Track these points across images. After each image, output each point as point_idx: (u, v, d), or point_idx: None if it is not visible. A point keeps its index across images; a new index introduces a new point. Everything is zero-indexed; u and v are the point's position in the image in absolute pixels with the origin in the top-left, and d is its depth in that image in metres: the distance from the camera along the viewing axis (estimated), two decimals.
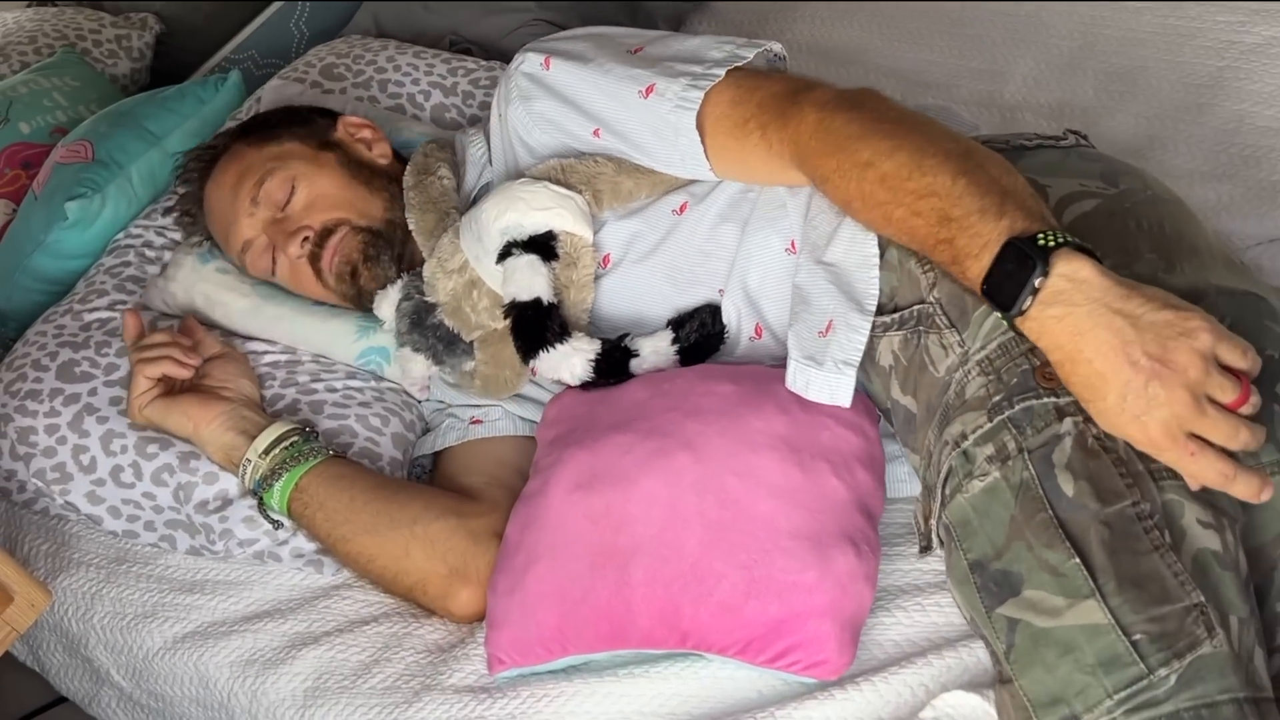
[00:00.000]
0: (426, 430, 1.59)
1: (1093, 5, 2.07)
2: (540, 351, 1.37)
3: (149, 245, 1.75)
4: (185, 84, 1.97)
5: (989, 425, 1.13)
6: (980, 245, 1.09)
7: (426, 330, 1.47)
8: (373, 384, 1.58)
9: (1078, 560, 1.06)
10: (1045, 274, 1.04)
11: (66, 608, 1.52)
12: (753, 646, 1.20)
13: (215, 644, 1.43)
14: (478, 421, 1.53)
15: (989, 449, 1.12)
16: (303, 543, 1.46)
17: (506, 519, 1.37)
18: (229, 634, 1.43)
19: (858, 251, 1.29)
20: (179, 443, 1.50)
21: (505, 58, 1.94)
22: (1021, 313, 1.06)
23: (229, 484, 1.48)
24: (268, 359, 1.59)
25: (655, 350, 1.39)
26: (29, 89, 2.01)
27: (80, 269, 1.76)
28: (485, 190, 1.55)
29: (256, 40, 2.27)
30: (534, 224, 1.39)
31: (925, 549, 1.22)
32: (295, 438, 1.43)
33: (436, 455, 1.56)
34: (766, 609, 1.19)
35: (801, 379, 1.28)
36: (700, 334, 1.39)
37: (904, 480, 1.37)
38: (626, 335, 1.40)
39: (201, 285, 1.64)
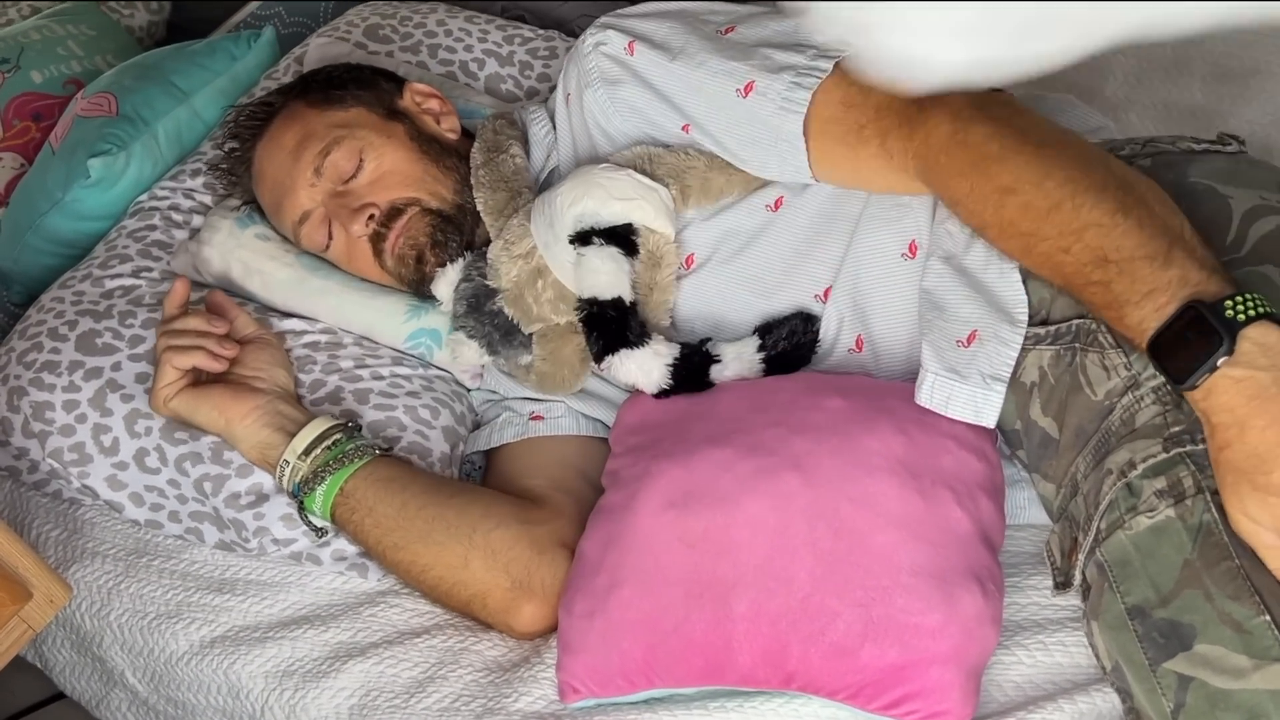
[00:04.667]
0: (477, 424, 1.48)
1: None
2: (616, 354, 1.29)
3: (176, 209, 1.63)
4: (215, 38, 1.86)
5: (1163, 456, 1.03)
6: (1143, 293, 1.00)
7: (484, 317, 1.37)
8: (420, 371, 1.47)
9: (1268, 618, 0.96)
10: (1230, 352, 0.95)
11: (80, 601, 1.41)
12: (866, 692, 1.10)
13: (249, 650, 1.32)
14: (538, 418, 1.42)
15: (1160, 483, 1.03)
16: (345, 545, 1.35)
17: (572, 527, 1.28)
18: (264, 640, 1.32)
19: (997, 267, 1.18)
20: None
21: (561, 28, 1.83)
22: (1194, 386, 0.97)
23: (264, 477, 1.36)
24: (306, 339, 1.47)
25: (739, 357, 1.30)
26: (41, 36, 1.90)
27: (97, 232, 1.64)
28: (554, 174, 1.45)
29: None
30: (612, 214, 1.29)
31: (1062, 586, 1.12)
32: (338, 435, 1.31)
33: (490, 453, 1.45)
34: (885, 653, 1.09)
35: (941, 393, 1.17)
36: (790, 342, 1.30)
37: (1022, 507, 1.26)
38: (708, 340, 1.31)
39: (240, 252, 1.52)
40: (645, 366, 1.29)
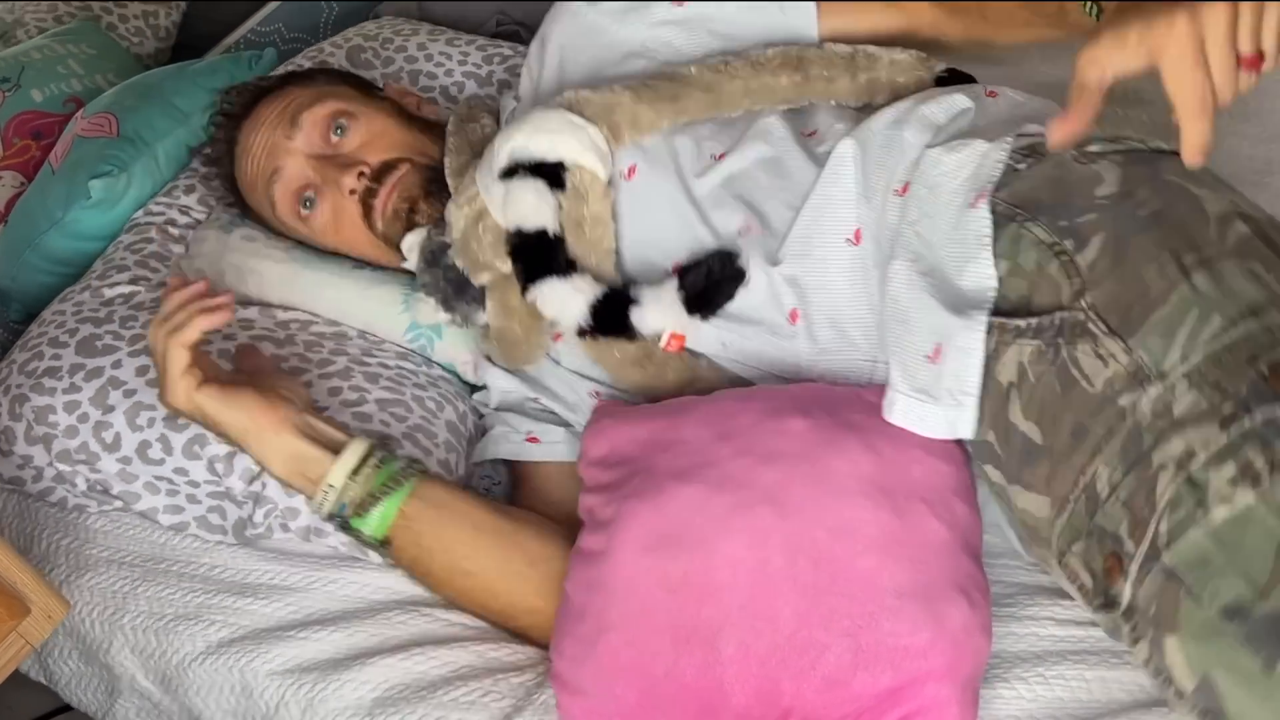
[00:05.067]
0: (483, 430, 1.48)
1: None
2: (540, 282, 1.31)
3: (172, 224, 1.65)
4: (215, 58, 1.88)
5: (1226, 441, 0.97)
6: None
7: (439, 271, 1.40)
8: (425, 369, 1.49)
9: None
10: None
11: (92, 608, 1.40)
12: (865, 717, 1.10)
13: (268, 649, 1.30)
14: (534, 439, 1.41)
15: (1229, 470, 0.96)
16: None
17: None
18: (281, 640, 1.31)
19: (968, 234, 1.15)
20: None
21: None
22: None
23: None
24: (314, 329, 1.50)
25: (658, 299, 1.28)
26: (43, 55, 1.91)
27: (96, 251, 1.65)
28: None
29: (285, 12, 2.16)
30: (539, 148, 1.33)
31: (1106, 608, 1.04)
32: (382, 453, 1.25)
33: (522, 468, 1.44)
34: (878, 679, 1.09)
35: (915, 414, 1.15)
36: (707, 280, 1.27)
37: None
38: (630, 284, 1.32)
39: (230, 256, 1.54)
40: (566, 299, 1.29)
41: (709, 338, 1.30)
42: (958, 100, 1.29)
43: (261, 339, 1.46)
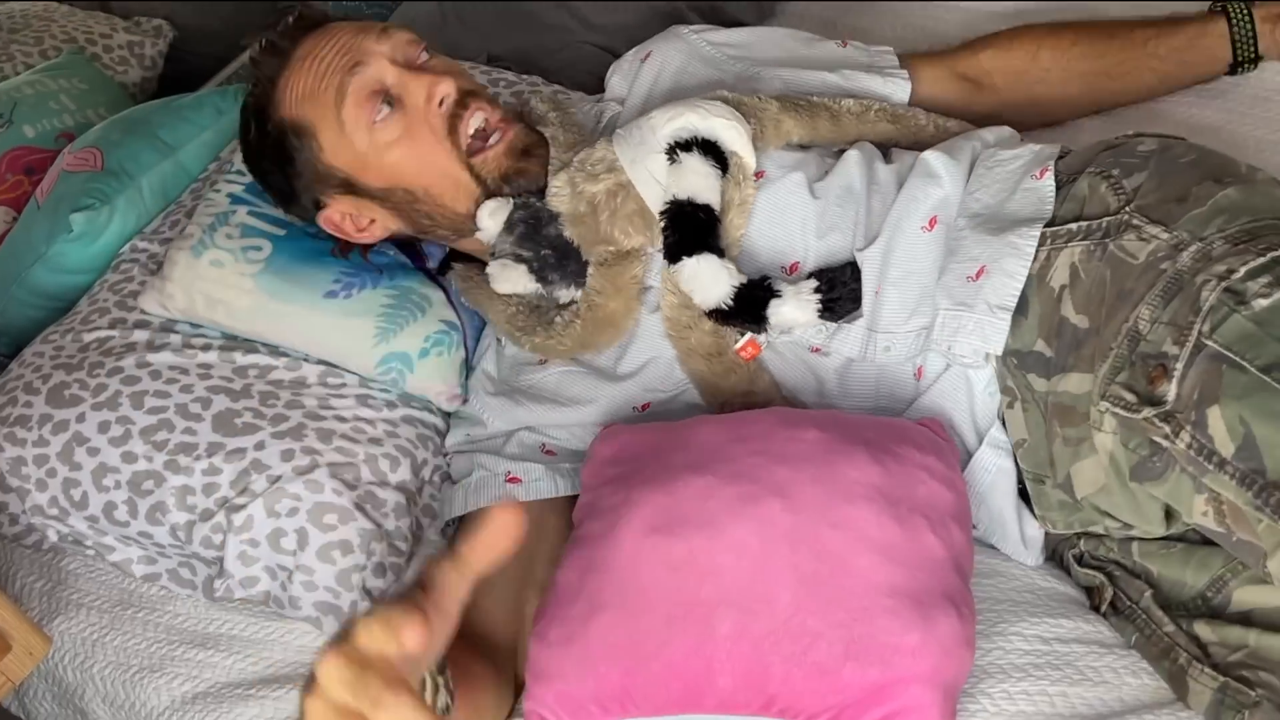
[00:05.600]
0: (446, 475, 1.46)
1: None
2: (697, 255, 1.32)
3: (155, 259, 1.63)
4: (203, 92, 1.88)
5: (1261, 260, 1.10)
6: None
7: (541, 240, 1.38)
8: (385, 414, 1.45)
9: None
10: None
11: (64, 653, 1.41)
12: (847, 713, 1.10)
13: (230, 709, 1.31)
14: (515, 479, 1.38)
15: (1265, 278, 1.09)
16: (324, 595, 1.34)
17: None
18: (246, 698, 1.31)
19: (1034, 209, 1.30)
20: (172, 477, 1.37)
21: (546, 75, 1.84)
22: None
23: (226, 516, 1.36)
24: (273, 375, 1.46)
25: (797, 294, 1.32)
26: (34, 90, 1.92)
27: (82, 285, 1.64)
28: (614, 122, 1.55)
29: None
30: (709, 129, 1.36)
31: (1156, 403, 1.12)
32: None
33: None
34: (866, 673, 1.09)
35: (950, 326, 1.27)
36: (843, 292, 1.33)
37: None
38: (768, 278, 1.33)
39: (199, 283, 1.50)
40: (717, 276, 1.31)
41: (856, 339, 1.34)
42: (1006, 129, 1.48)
43: (218, 390, 1.44)
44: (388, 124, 1.37)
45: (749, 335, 1.33)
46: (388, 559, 1.37)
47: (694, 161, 1.34)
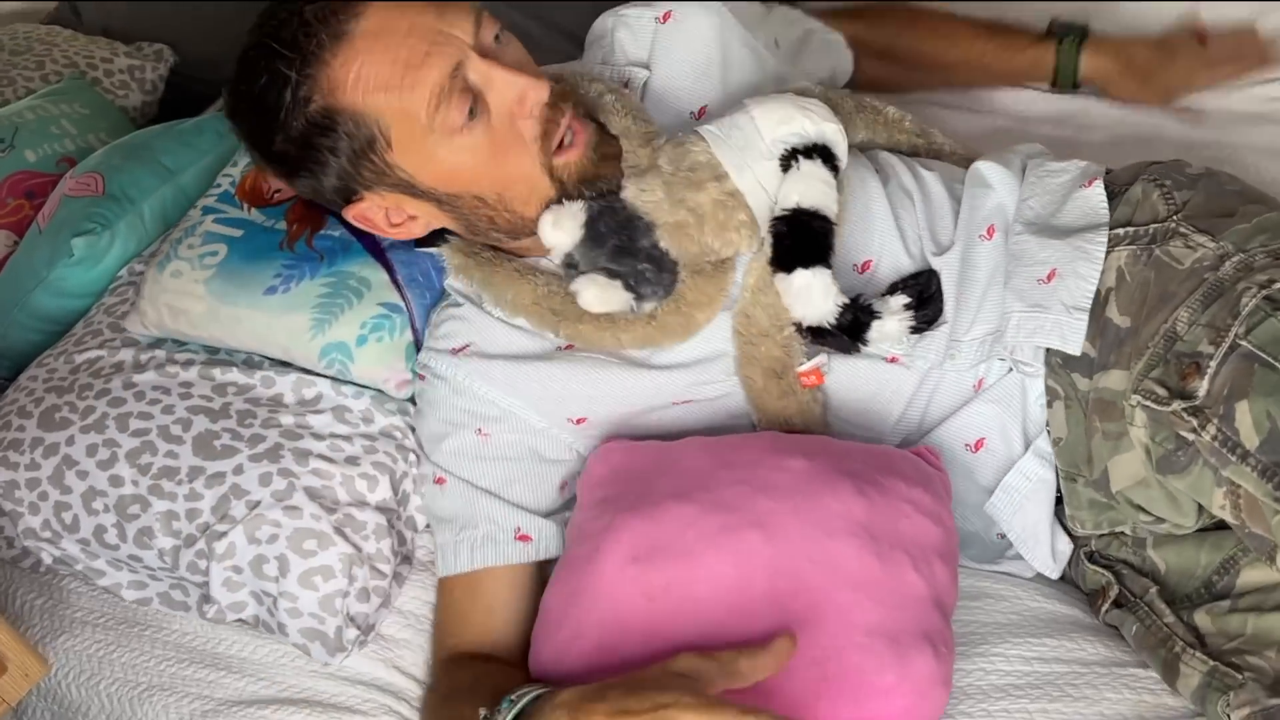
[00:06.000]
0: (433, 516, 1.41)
1: None
2: (812, 268, 1.26)
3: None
4: (204, 118, 1.89)
5: None
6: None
7: (638, 253, 1.27)
8: (361, 429, 1.45)
9: None
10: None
11: (68, 670, 1.41)
12: None
13: None
14: (525, 538, 1.34)
15: None
16: (311, 621, 1.35)
17: None
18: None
19: (1089, 218, 1.32)
20: (157, 501, 1.39)
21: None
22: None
23: (207, 544, 1.37)
24: (251, 394, 1.46)
25: (893, 313, 1.29)
26: (36, 115, 1.93)
27: (82, 309, 1.66)
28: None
29: None
30: (820, 134, 1.29)
31: (1186, 397, 1.16)
32: None
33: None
34: (838, 711, 1.11)
35: (1027, 327, 1.29)
36: (933, 305, 1.31)
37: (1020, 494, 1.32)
38: (860, 295, 1.30)
39: (163, 296, 1.49)
40: (827, 292, 1.26)
41: (936, 348, 1.32)
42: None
43: (198, 410, 1.44)
44: (473, 131, 1.23)
45: (814, 363, 1.30)
46: (370, 583, 1.37)
47: (817, 169, 1.28)
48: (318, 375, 1.48)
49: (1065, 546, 1.32)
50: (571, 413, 1.36)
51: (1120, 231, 1.30)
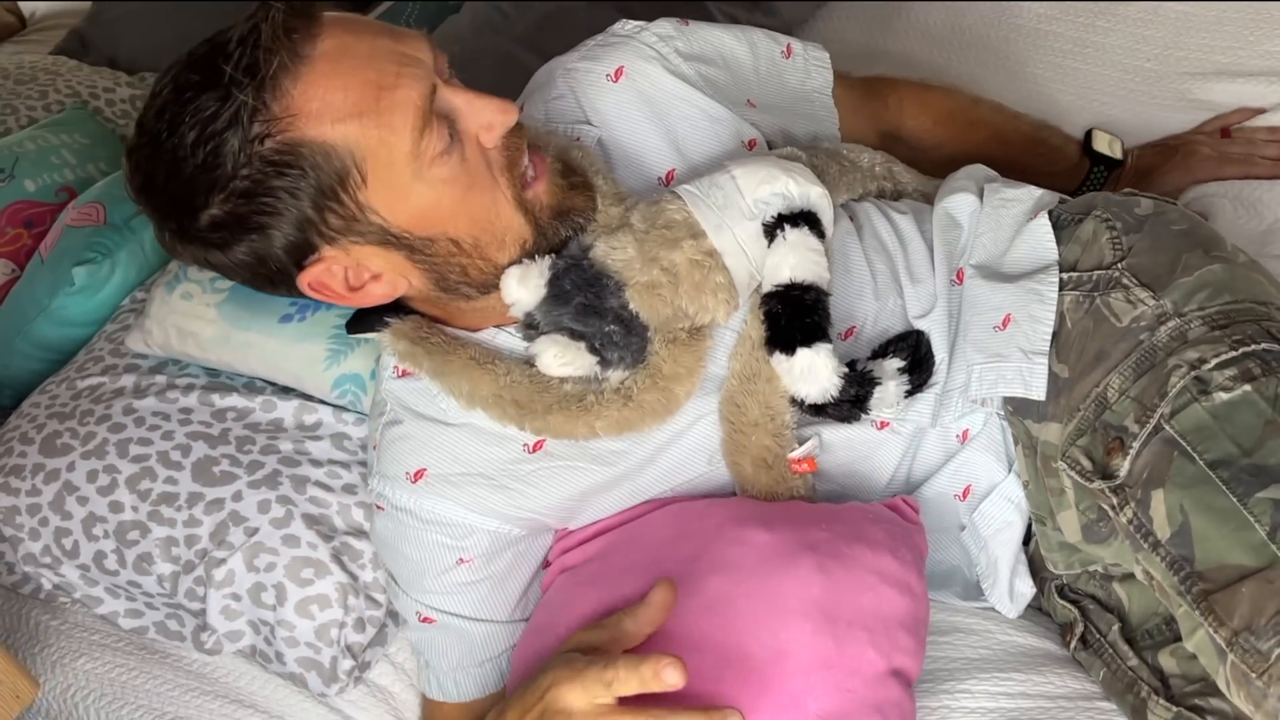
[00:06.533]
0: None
1: None
2: (813, 346, 1.20)
3: None
4: None
5: (1232, 354, 1.15)
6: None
7: (605, 313, 1.17)
8: (360, 456, 1.46)
9: None
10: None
11: (88, 694, 1.43)
12: None
13: None
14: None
15: (1230, 371, 1.14)
16: (287, 648, 1.38)
17: None
18: None
19: (1038, 257, 1.31)
20: (156, 528, 1.41)
21: None
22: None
23: (206, 570, 1.39)
24: (250, 418, 1.48)
25: (891, 375, 1.26)
26: (36, 145, 1.95)
27: (84, 337, 1.69)
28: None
29: None
30: (805, 198, 1.22)
31: (1106, 477, 1.17)
32: None
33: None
34: None
35: (989, 377, 1.27)
36: (927, 366, 1.29)
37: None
38: (854, 362, 1.26)
39: (172, 317, 1.50)
40: (831, 366, 1.21)
41: (927, 407, 1.31)
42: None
43: (197, 435, 1.46)
44: (449, 160, 1.11)
45: (807, 451, 1.25)
46: (365, 612, 1.39)
47: (805, 238, 1.21)
48: (318, 402, 1.50)
49: (1026, 589, 1.32)
50: (548, 523, 1.31)
51: (1066, 276, 1.29)
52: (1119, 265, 1.26)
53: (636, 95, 1.32)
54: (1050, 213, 1.35)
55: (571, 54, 1.37)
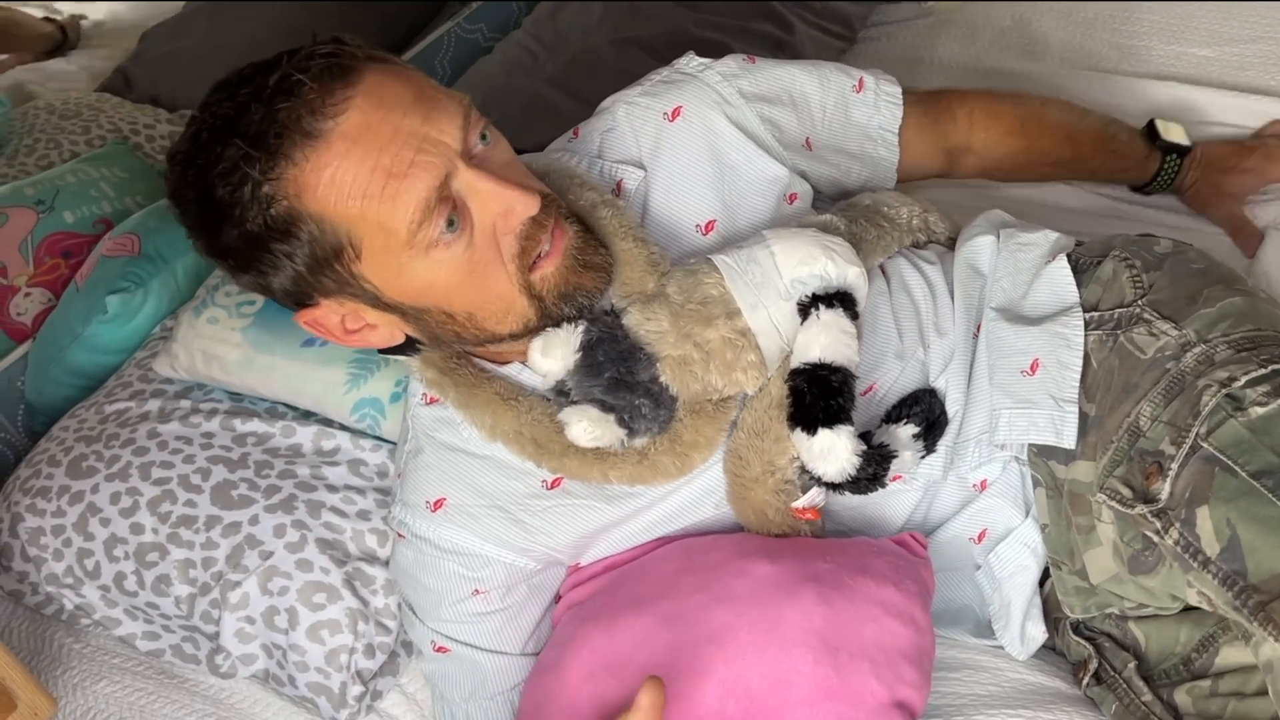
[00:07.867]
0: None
1: None
2: (831, 427, 1.18)
3: None
4: None
5: (1264, 371, 1.14)
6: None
7: (636, 387, 1.17)
8: (375, 483, 1.48)
9: None
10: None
11: (108, 716, 1.45)
12: None
13: None
14: None
15: (1264, 388, 1.13)
16: (298, 672, 1.39)
17: None
18: None
19: (1058, 299, 1.31)
20: (175, 549, 1.43)
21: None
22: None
23: (220, 593, 1.41)
24: (270, 443, 1.51)
25: (905, 445, 1.24)
26: (76, 178, 2.00)
27: (115, 364, 1.72)
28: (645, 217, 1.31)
29: None
30: (842, 278, 1.21)
31: (1149, 501, 1.16)
32: None
33: None
34: None
35: (1020, 424, 1.27)
36: (939, 428, 1.28)
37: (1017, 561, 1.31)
38: (869, 433, 1.24)
39: (198, 341, 1.55)
40: (849, 447, 1.19)
41: (939, 460, 1.30)
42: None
43: (218, 460, 1.48)
44: (451, 246, 1.11)
45: (811, 501, 1.24)
46: (375, 639, 1.41)
47: (838, 319, 1.20)
48: (337, 428, 1.52)
49: (1038, 633, 1.31)
50: (561, 559, 1.32)
51: (1088, 316, 1.29)
52: (1140, 302, 1.27)
53: (690, 138, 1.31)
54: (1068, 255, 1.36)
55: (634, 87, 1.36)
